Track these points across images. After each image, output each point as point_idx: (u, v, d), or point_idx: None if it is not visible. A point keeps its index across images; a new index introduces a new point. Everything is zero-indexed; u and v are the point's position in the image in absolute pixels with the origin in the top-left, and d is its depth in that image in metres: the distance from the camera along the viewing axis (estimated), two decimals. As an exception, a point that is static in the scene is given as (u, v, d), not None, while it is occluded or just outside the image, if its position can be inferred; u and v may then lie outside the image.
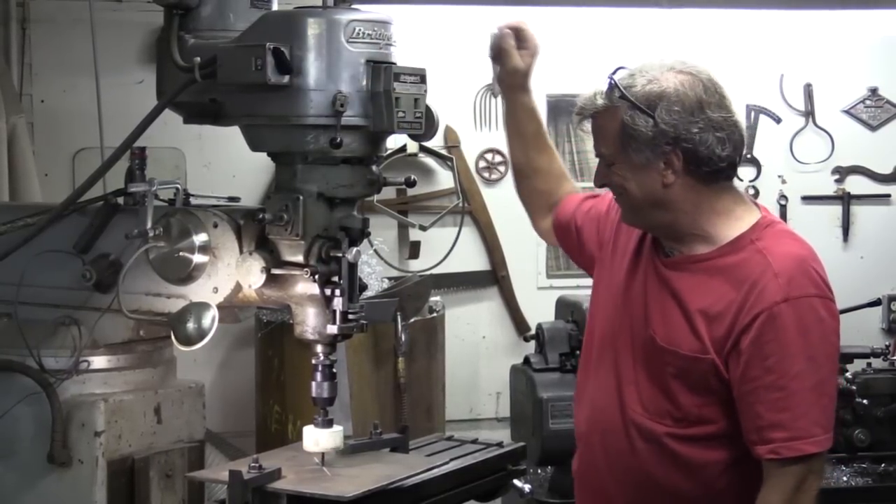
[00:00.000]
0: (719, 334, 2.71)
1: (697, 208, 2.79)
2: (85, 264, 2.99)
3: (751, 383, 2.68)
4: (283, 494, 2.66)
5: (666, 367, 2.77)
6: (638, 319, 2.85)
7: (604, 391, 2.92)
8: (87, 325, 3.04)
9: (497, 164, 5.71)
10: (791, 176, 5.94)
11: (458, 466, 3.00)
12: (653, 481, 2.83)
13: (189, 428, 3.24)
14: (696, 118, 2.72)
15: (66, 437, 2.99)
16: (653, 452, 2.82)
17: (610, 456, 2.88)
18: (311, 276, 2.71)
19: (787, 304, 2.66)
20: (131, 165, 3.08)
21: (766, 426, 2.67)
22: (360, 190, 2.81)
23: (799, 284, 2.70)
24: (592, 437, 2.93)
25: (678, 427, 2.78)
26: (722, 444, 2.77)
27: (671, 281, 2.82)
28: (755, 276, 2.70)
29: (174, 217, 2.85)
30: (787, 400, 2.65)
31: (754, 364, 2.67)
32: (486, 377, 5.71)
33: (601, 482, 2.91)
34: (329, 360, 2.81)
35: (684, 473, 2.80)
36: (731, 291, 2.71)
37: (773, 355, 2.65)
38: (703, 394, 2.75)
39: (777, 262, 2.72)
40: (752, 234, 2.79)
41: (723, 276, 2.74)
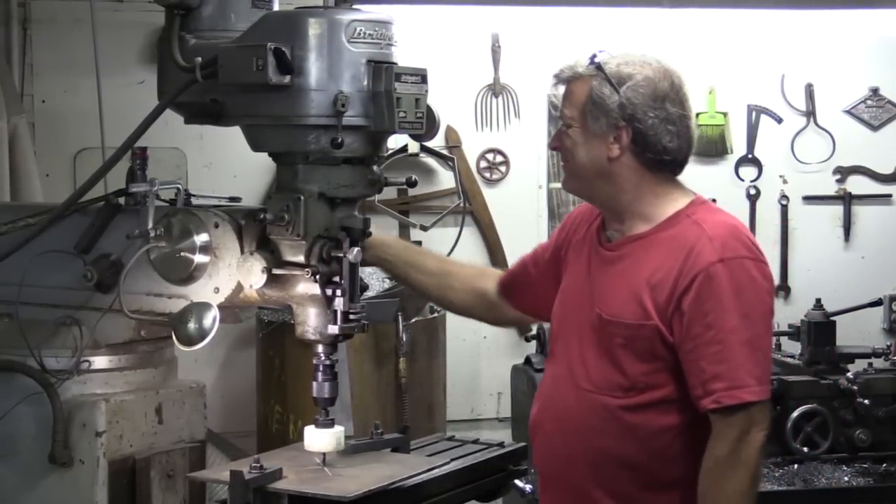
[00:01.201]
0: (661, 300, 2.84)
1: (637, 189, 2.95)
2: (86, 264, 2.99)
3: (693, 341, 2.81)
4: (285, 494, 2.66)
5: (613, 338, 2.88)
6: (585, 303, 2.97)
7: (557, 378, 3.02)
8: (89, 325, 3.04)
9: (498, 165, 5.71)
10: (792, 176, 5.94)
11: (458, 467, 3.01)
12: (610, 456, 2.90)
13: (190, 428, 3.24)
14: (655, 106, 2.90)
15: (68, 438, 2.99)
16: (607, 426, 2.89)
17: (568, 439, 2.94)
18: (313, 276, 2.72)
19: (722, 264, 2.81)
20: (132, 166, 3.08)
21: (709, 379, 2.79)
22: (361, 190, 2.81)
23: (732, 247, 2.85)
24: (549, 424, 3.00)
25: (628, 397, 2.87)
26: (672, 408, 2.87)
27: (614, 261, 2.97)
28: (691, 242, 2.86)
29: (175, 217, 2.85)
30: (724, 352, 2.79)
31: (695, 322, 2.80)
32: (488, 377, 5.71)
33: (560, 466, 2.97)
34: (330, 360, 2.81)
35: (640, 444, 2.88)
36: (669, 259, 2.86)
37: (712, 312, 2.80)
38: (650, 360, 2.86)
39: (711, 229, 2.88)
40: (687, 210, 2.95)
41: (661, 247, 2.90)
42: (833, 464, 4.60)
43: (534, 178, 5.75)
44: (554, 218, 5.68)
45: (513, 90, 5.69)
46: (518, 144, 5.72)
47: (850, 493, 4.43)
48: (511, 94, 5.69)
